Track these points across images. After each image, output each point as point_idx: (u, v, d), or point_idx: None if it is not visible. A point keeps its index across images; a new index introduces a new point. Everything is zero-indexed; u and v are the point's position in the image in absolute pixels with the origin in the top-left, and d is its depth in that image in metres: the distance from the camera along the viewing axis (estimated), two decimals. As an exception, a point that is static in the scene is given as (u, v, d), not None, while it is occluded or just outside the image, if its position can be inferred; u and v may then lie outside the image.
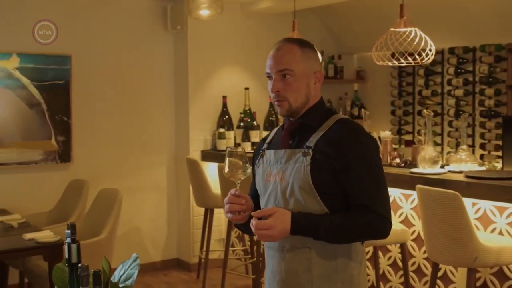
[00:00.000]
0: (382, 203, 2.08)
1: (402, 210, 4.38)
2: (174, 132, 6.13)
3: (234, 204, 2.14)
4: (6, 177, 5.26)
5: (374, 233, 2.09)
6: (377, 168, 2.11)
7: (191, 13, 4.69)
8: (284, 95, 2.14)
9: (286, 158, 2.16)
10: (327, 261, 2.10)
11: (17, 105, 5.25)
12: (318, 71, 2.21)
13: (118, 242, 5.73)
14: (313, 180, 2.06)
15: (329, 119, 2.16)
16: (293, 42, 2.19)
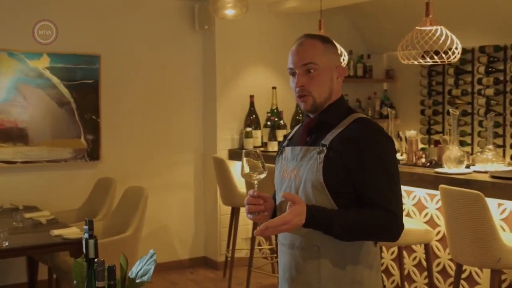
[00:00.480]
0: (398, 205, 2.06)
1: (427, 210, 4.34)
2: (202, 131, 6.17)
3: (253, 205, 2.13)
4: (36, 174, 5.37)
5: (386, 234, 2.06)
6: (393, 169, 2.09)
7: (216, 12, 4.71)
8: (308, 89, 2.13)
9: (301, 155, 2.15)
10: (336, 261, 2.07)
11: (47, 104, 5.35)
12: (339, 65, 2.20)
13: (146, 239, 5.81)
14: (325, 178, 2.05)
15: (347, 118, 2.14)
16: (314, 37, 2.19)
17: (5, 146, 5.18)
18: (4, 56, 5.14)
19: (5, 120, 5.18)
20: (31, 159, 5.30)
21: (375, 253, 2.15)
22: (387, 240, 2.11)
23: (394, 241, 2.08)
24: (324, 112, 2.17)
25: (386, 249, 4.64)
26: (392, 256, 4.64)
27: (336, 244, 2.05)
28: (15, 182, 5.26)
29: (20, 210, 4.83)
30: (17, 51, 5.19)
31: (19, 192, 5.23)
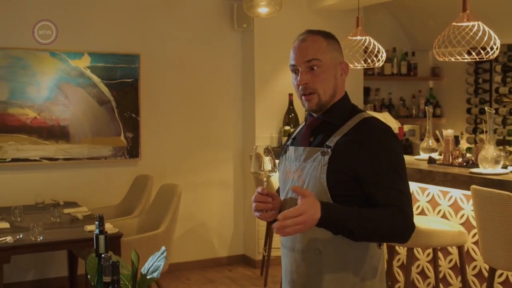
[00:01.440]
0: (408, 205, 1.99)
1: (463, 212, 4.22)
2: (241, 129, 6.19)
3: (260, 202, 2.08)
4: (77, 171, 5.49)
5: (399, 233, 1.98)
6: (401, 170, 2.02)
7: (250, 11, 4.70)
8: (313, 87, 2.07)
9: (305, 156, 2.10)
10: (338, 265, 2.02)
11: (88, 103, 5.46)
12: (343, 62, 2.13)
13: (184, 237, 5.89)
14: (328, 181, 1.99)
15: (353, 118, 2.08)
16: (317, 33, 2.13)
17: (48, 143, 5.32)
18: (46, 56, 5.28)
19: (48, 118, 5.31)
20: (72, 156, 5.43)
21: (379, 255, 2.09)
22: (398, 241, 2.03)
23: (405, 241, 2.00)
24: (328, 112, 2.12)
25: (422, 251, 4.54)
26: (427, 258, 4.53)
27: (338, 248, 2.00)
28: (56, 178, 5.40)
29: (60, 206, 4.95)
30: (59, 51, 5.32)
31: (60, 188, 5.36)
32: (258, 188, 2.09)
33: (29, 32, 5.24)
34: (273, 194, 2.11)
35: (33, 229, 3.93)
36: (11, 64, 5.17)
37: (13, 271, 5.20)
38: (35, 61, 5.24)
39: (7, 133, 5.16)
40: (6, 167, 5.20)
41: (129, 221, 4.86)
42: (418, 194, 4.53)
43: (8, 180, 5.23)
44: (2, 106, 5.15)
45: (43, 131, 5.30)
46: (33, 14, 5.26)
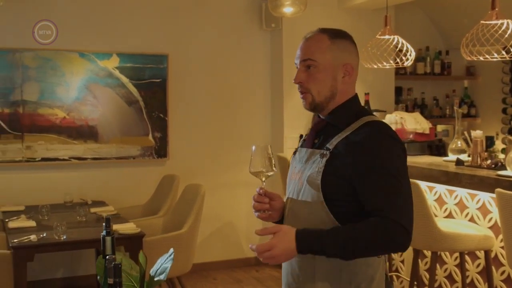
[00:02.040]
0: (400, 212, 1.88)
1: (491, 215, 4.10)
2: (270, 129, 6.16)
3: (258, 202, 2.09)
4: (105, 171, 5.55)
5: (389, 245, 1.89)
6: (399, 175, 1.93)
7: (274, 10, 4.67)
8: (307, 86, 2.03)
9: (306, 158, 2.07)
10: (331, 272, 1.96)
11: (116, 103, 5.51)
12: (349, 63, 2.06)
13: (212, 237, 5.89)
14: (323, 184, 1.94)
15: (357, 121, 2.02)
16: (324, 32, 2.08)
17: (77, 143, 5.39)
18: (75, 56, 5.35)
19: (77, 118, 5.38)
20: (101, 155, 5.48)
21: (378, 264, 2.00)
22: (391, 252, 1.97)
23: (402, 251, 1.93)
24: (332, 114, 2.07)
25: (450, 255, 4.44)
26: (455, 262, 4.43)
27: None
28: (85, 177, 5.46)
29: (88, 205, 5.01)
30: (88, 52, 5.38)
31: (89, 188, 5.42)
32: (257, 188, 2.08)
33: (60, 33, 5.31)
34: (272, 195, 2.10)
35: (56, 228, 3.98)
36: (41, 65, 5.25)
37: (43, 268, 5.29)
38: (64, 62, 5.31)
39: (37, 133, 5.25)
40: (36, 166, 5.29)
41: (154, 221, 4.88)
42: (446, 197, 4.43)
43: (37, 179, 5.31)
44: (32, 106, 5.23)
45: (72, 131, 5.37)
46: (59, 16, 5.33)
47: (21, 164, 5.23)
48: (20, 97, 5.19)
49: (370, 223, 1.87)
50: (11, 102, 5.17)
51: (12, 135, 5.18)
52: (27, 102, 5.21)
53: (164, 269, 2.38)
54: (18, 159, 5.21)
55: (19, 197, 5.16)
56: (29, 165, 5.26)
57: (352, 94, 2.11)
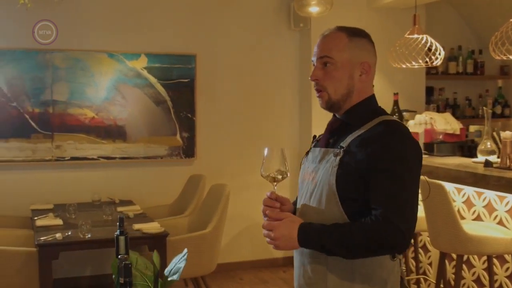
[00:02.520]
0: (400, 213, 1.84)
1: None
2: (298, 130, 6.13)
3: (268, 207, 2.05)
4: (133, 170, 5.59)
5: (382, 246, 1.86)
6: (407, 175, 1.89)
7: (300, 10, 4.65)
8: (323, 84, 2.02)
9: (320, 157, 2.04)
10: (343, 274, 1.94)
11: (144, 103, 5.55)
12: (366, 62, 2.05)
13: (240, 237, 5.89)
14: (337, 183, 1.92)
15: (373, 120, 1.99)
16: (342, 30, 2.06)
17: (105, 142, 5.45)
18: (104, 57, 5.41)
19: (105, 118, 5.44)
20: (129, 155, 5.53)
21: (392, 267, 1.97)
22: (387, 253, 1.93)
23: (397, 253, 1.92)
24: (348, 113, 2.04)
25: (478, 258, 4.35)
26: (483, 266, 4.34)
27: None
28: (113, 177, 5.52)
29: (115, 204, 5.07)
30: (117, 52, 5.44)
31: (117, 187, 5.48)
32: (268, 192, 2.06)
33: (89, 34, 5.39)
34: (282, 199, 2.07)
35: (81, 227, 4.03)
36: (71, 65, 5.32)
37: (72, 266, 5.36)
38: (93, 62, 5.38)
39: (66, 133, 5.33)
40: (65, 165, 5.37)
41: (180, 221, 4.90)
42: (474, 199, 4.34)
43: (66, 178, 5.39)
44: (62, 106, 5.31)
45: (101, 131, 5.43)
46: (88, 17, 5.40)
47: (50, 163, 5.31)
48: (50, 97, 5.27)
49: (366, 222, 1.86)
50: (41, 102, 5.25)
51: (42, 134, 5.26)
52: (57, 102, 5.30)
53: (178, 269, 2.39)
54: (48, 158, 5.29)
55: (48, 196, 5.24)
56: (58, 164, 5.34)
57: (369, 94, 2.09)
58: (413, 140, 1.98)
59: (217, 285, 5.38)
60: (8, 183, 5.23)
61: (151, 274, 2.37)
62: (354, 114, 2.04)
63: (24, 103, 5.21)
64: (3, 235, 4.50)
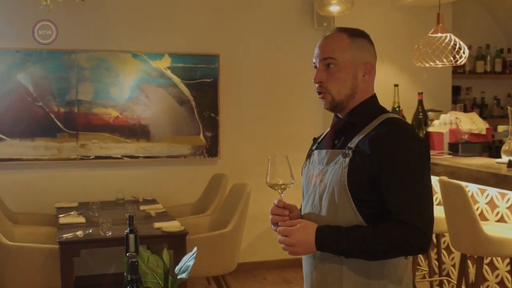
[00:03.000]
0: (418, 213, 1.85)
1: (545, 219, 3.93)
2: (321, 130, 6.08)
3: (276, 215, 2.03)
4: (157, 169, 5.64)
5: (406, 247, 1.86)
6: (420, 174, 1.90)
7: (321, 9, 4.63)
8: (326, 86, 2.02)
9: (327, 159, 2.03)
10: (359, 275, 1.94)
11: (168, 102, 5.60)
12: (369, 62, 2.05)
13: (263, 236, 5.90)
14: (349, 184, 1.91)
15: (376, 118, 1.99)
16: (343, 31, 2.06)
17: (129, 142, 5.51)
18: (128, 57, 5.47)
19: (129, 117, 5.50)
20: (152, 154, 5.58)
21: (405, 266, 1.98)
22: (410, 255, 1.93)
23: (420, 253, 1.91)
24: (351, 113, 2.04)
25: (502, 260, 4.28)
26: (507, 268, 4.27)
27: None
28: (137, 176, 5.58)
29: (138, 203, 5.12)
30: (141, 52, 5.49)
31: (141, 185, 5.53)
32: (275, 200, 2.04)
33: (113, 35, 5.46)
34: (290, 206, 2.04)
35: (102, 225, 4.08)
36: (96, 65, 5.40)
37: (96, 263, 5.43)
38: (117, 62, 5.44)
39: (91, 132, 5.40)
40: (90, 164, 5.44)
41: (202, 219, 4.93)
42: (497, 200, 4.27)
43: (91, 177, 5.46)
44: (87, 106, 5.38)
45: (125, 130, 5.49)
46: (117, 18, 5.47)
47: (75, 161, 5.39)
48: (75, 97, 5.35)
49: (389, 225, 1.86)
50: (66, 102, 5.33)
51: (68, 133, 5.34)
52: (82, 102, 5.37)
53: (187, 267, 2.39)
54: (73, 157, 5.37)
55: (73, 194, 5.32)
56: (83, 163, 5.42)
57: (371, 93, 2.09)
58: (420, 137, 2.00)
59: (240, 284, 5.39)
60: (34, 181, 5.33)
61: (161, 272, 2.38)
62: (358, 113, 2.04)
63: (50, 103, 5.30)
64: (28, 232, 4.59)
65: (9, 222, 4.64)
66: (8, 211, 4.92)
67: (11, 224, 4.62)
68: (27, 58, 5.23)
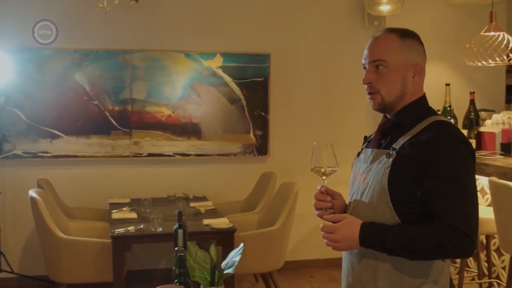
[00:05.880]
0: (462, 216, 1.85)
1: None
2: (372, 130, 6.06)
3: (319, 201, 2.10)
4: (207, 167, 5.74)
5: (451, 250, 1.86)
6: (464, 177, 1.89)
7: (371, 9, 4.62)
8: (376, 87, 2.03)
9: (372, 158, 2.05)
10: (394, 274, 1.95)
11: (219, 101, 5.68)
12: (419, 63, 2.04)
13: (311, 235, 5.92)
14: (389, 184, 1.93)
15: (424, 120, 1.99)
16: (393, 32, 2.06)
17: (181, 139, 5.62)
18: (181, 56, 5.58)
19: (181, 116, 5.61)
20: (203, 152, 5.68)
21: (442, 268, 1.97)
22: (455, 257, 1.93)
23: (464, 257, 1.90)
24: (399, 114, 2.05)
25: (498, 256, 4.20)
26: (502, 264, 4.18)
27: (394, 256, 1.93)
28: (188, 173, 5.68)
29: (189, 200, 5.22)
30: (193, 52, 5.60)
31: (191, 183, 5.64)
32: (319, 186, 2.09)
33: (167, 35, 5.58)
34: (333, 193, 2.10)
35: (153, 220, 4.19)
36: (149, 65, 5.53)
37: (147, 258, 5.56)
38: (170, 62, 5.56)
39: (144, 130, 5.53)
40: (143, 161, 5.58)
41: (250, 217, 4.99)
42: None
43: (143, 174, 5.60)
44: (141, 104, 5.52)
45: (177, 128, 5.60)
46: (170, 19, 5.58)
47: (129, 158, 5.54)
48: (129, 96, 5.50)
49: (434, 227, 1.86)
50: (120, 100, 5.48)
51: (121, 131, 5.49)
52: (135, 101, 5.51)
53: (233, 262, 2.45)
54: (126, 154, 5.52)
55: (126, 190, 5.47)
56: (136, 160, 5.56)
57: (420, 94, 2.08)
58: (466, 140, 1.98)
59: (288, 282, 5.44)
60: (89, 177, 5.50)
61: (209, 267, 2.44)
62: (406, 114, 2.04)
63: (104, 101, 5.45)
64: (82, 227, 4.74)
65: (65, 216, 4.81)
66: (64, 206, 5.10)
67: (66, 218, 4.79)
68: (84, 58, 5.40)
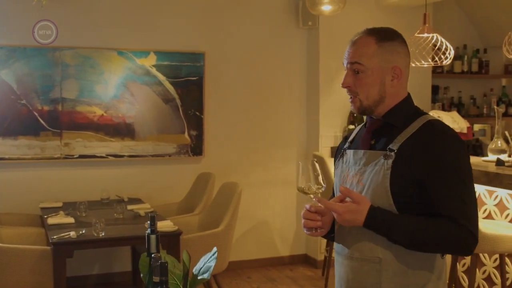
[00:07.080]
0: (469, 216, 1.89)
1: (533, 217, 4.04)
2: (305, 128, 6.13)
3: (309, 220, 2.03)
4: (142, 168, 5.59)
5: (455, 247, 1.92)
6: (467, 177, 1.93)
7: (312, 9, 4.64)
8: (354, 90, 2.02)
9: (365, 160, 2.03)
10: (398, 275, 1.95)
11: (153, 101, 5.55)
12: (397, 66, 2.02)
13: (247, 235, 5.91)
14: (391, 186, 1.92)
15: (416, 120, 2.00)
16: (372, 34, 2.03)
17: (114, 140, 5.44)
18: (114, 54, 5.40)
19: (114, 116, 5.43)
20: (137, 153, 5.53)
21: (442, 265, 2.01)
22: (458, 254, 1.97)
23: (468, 255, 1.94)
24: (389, 114, 2.04)
25: (489, 256, 4.38)
26: (494, 264, 4.36)
27: (399, 257, 1.94)
28: (121, 175, 5.51)
29: (124, 202, 5.05)
30: (126, 50, 5.43)
31: (125, 185, 5.47)
32: (307, 204, 2.04)
33: (98, 32, 5.38)
34: (322, 211, 2.03)
35: (95, 225, 4.03)
36: (81, 63, 5.31)
37: (80, 264, 5.35)
38: (103, 60, 5.37)
39: (75, 130, 5.32)
40: (74, 163, 5.36)
41: (190, 219, 4.91)
42: (485, 197, 4.36)
43: (75, 176, 5.38)
44: (71, 103, 5.30)
45: (110, 128, 5.42)
46: (102, 15, 5.39)
47: (59, 160, 5.30)
48: (60, 95, 5.26)
49: (442, 222, 1.88)
50: (50, 100, 5.24)
51: (51, 132, 5.25)
52: (66, 100, 5.28)
53: (208, 268, 2.39)
54: (56, 156, 5.28)
55: (57, 194, 5.23)
56: (67, 162, 5.33)
57: (403, 96, 2.07)
58: (462, 140, 2.00)
59: (226, 283, 5.38)
60: (17, 180, 5.22)
61: (179, 272, 2.36)
62: (397, 115, 2.03)
63: (33, 101, 5.19)
64: (13, 233, 4.48)
65: (-6, 222, 4.54)
66: (-8, 211, 4.81)
67: (-4, 225, 4.52)
68: (11, 55, 5.11)
